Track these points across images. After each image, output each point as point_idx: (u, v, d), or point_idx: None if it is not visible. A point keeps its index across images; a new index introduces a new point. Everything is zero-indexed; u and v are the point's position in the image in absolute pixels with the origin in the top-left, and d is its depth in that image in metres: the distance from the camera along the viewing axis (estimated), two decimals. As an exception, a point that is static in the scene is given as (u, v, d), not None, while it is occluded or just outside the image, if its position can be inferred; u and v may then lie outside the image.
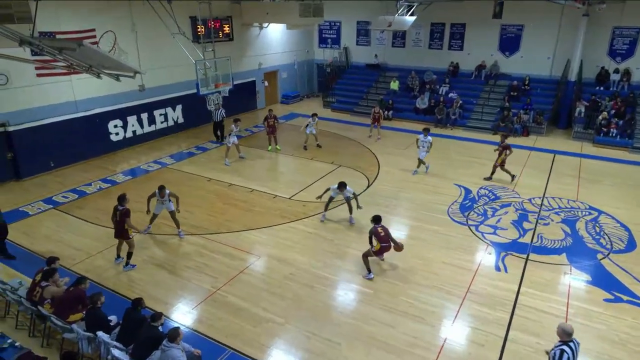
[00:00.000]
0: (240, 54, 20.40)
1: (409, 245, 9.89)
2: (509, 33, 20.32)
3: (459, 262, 9.20)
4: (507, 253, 9.57)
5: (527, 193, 12.52)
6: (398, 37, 22.93)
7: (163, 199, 9.88)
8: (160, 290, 8.32)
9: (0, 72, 12.30)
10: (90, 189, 12.76)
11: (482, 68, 21.05)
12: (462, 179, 13.47)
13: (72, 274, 8.39)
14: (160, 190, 9.84)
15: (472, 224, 10.83)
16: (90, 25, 13.93)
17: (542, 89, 19.65)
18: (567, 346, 5.23)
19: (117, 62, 7.86)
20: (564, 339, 5.31)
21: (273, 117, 15.66)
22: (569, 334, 5.31)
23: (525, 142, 17.41)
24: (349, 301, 8.09)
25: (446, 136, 18.16)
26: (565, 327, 5.35)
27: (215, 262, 9.23)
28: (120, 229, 8.79)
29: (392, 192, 12.57)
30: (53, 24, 12.89)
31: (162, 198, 9.86)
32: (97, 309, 6.49)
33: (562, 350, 5.19)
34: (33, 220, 10.96)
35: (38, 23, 8.19)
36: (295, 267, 9.06)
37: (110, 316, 6.79)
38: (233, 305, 7.92)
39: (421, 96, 20.59)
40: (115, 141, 15.70)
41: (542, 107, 18.78)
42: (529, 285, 8.48)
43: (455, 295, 8.18)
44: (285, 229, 10.59)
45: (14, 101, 12.82)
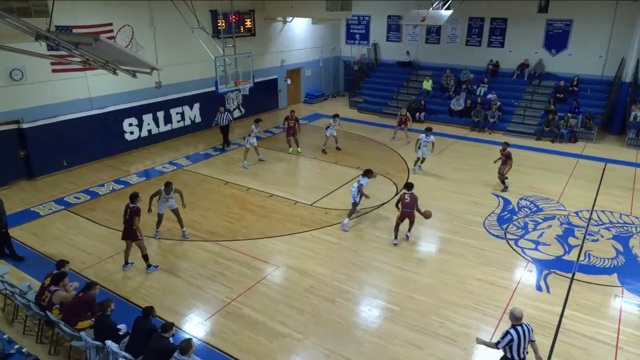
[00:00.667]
0: (262, 50, 20.67)
1: (440, 260, 9.77)
2: (556, 29, 19.91)
3: (495, 280, 9.03)
4: (550, 271, 9.33)
5: (574, 205, 12.19)
6: (432, 32, 22.78)
7: (169, 197, 10.07)
8: (172, 299, 8.46)
9: (16, 67, 12.82)
10: (102, 190, 13.11)
11: (525, 67, 20.68)
12: (501, 188, 13.21)
13: (81, 279, 8.62)
14: (167, 187, 10.03)
15: (511, 238, 10.62)
16: (107, 19, 14.38)
17: (592, 90, 19.15)
18: (514, 329, 5.83)
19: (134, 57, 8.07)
20: (513, 323, 5.92)
21: (294, 118, 15.78)
22: (517, 318, 5.89)
23: (572, 149, 16.99)
24: (373, 318, 8.03)
25: (483, 141, 17.88)
26: (514, 311, 5.95)
27: (230, 271, 9.32)
28: (129, 229, 8.98)
29: (423, 201, 12.34)
30: (70, 18, 13.37)
31: (167, 195, 10.05)
32: (107, 317, 6.63)
33: (507, 332, 5.84)
34: (44, 221, 11.33)
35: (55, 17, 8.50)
36: (315, 279, 9.05)
37: (119, 325, 6.93)
38: (248, 318, 7.96)
39: (457, 97, 20.37)
40: (129, 140, 16.11)
41: (592, 110, 18.30)
42: (575, 308, 8.24)
43: (491, 316, 8.01)
44: (305, 238, 10.61)
45: (28, 97, 13.33)
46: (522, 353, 5.86)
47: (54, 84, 13.77)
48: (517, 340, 5.79)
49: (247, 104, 20.49)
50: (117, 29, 14.64)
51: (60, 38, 6.42)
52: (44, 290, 7.30)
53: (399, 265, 9.53)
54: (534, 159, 15.91)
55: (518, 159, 15.73)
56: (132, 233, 8.96)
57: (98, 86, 14.85)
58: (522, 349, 5.84)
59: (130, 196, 8.99)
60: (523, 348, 5.85)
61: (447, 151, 16.56)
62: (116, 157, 15.66)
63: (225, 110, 16.35)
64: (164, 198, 10.10)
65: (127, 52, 8.21)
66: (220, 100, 18.85)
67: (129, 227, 8.94)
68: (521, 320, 5.91)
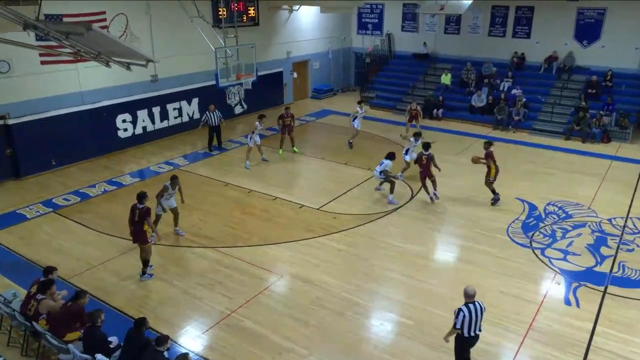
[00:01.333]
0: (266, 41, 20.74)
1: (459, 270, 9.72)
2: (588, 18, 19.76)
3: (519, 293, 8.96)
4: (579, 284, 9.25)
5: (607, 212, 12.07)
6: (452, 22, 22.72)
7: (174, 192, 10.30)
8: (168, 310, 8.49)
9: (2, 59, 12.97)
10: (93, 191, 13.21)
11: (553, 60, 20.55)
12: (526, 192, 13.13)
13: (70, 287, 8.67)
14: (174, 181, 10.24)
15: (537, 247, 10.54)
16: (100, 7, 14.49)
17: (627, 85, 18.98)
18: (466, 307, 6.47)
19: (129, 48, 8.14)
20: (466, 301, 6.53)
21: (290, 115, 15.82)
22: (470, 296, 6.52)
23: (605, 149, 16.84)
24: (385, 333, 8.00)
25: (508, 140, 17.79)
26: (467, 289, 6.57)
27: (230, 281, 9.34)
28: (140, 232, 9.05)
29: (441, 206, 12.39)
30: (60, 6, 13.48)
31: (173, 190, 10.28)
32: (97, 328, 6.67)
33: (460, 310, 6.46)
34: (31, 224, 11.43)
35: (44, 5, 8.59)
36: (322, 289, 9.04)
37: (110, 337, 6.96)
38: (249, 331, 7.97)
39: (478, 92, 20.29)
40: (123, 138, 16.23)
41: (628, 108, 18.15)
42: (607, 324, 8.15)
43: (515, 332, 7.96)
44: (312, 245, 10.61)
45: (15, 91, 13.48)
46: (473, 331, 6.51)
47: (43, 76, 13.91)
48: (469, 317, 6.41)
49: (250, 99, 20.55)
50: (110, 17, 14.77)
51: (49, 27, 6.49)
52: (30, 298, 7.36)
53: (413, 275, 9.49)
54: (562, 160, 15.79)
55: (545, 161, 15.66)
56: (142, 236, 9.08)
57: (90, 79, 14.98)
58: (473, 326, 6.48)
59: (138, 196, 9.08)
60: (475, 325, 6.49)
61: (467, 152, 16.47)
62: (108, 156, 15.78)
63: (215, 108, 16.16)
64: (168, 195, 10.22)
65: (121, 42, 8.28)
66: (221, 94, 18.95)
67: (140, 229, 9.05)
68: (474, 299, 6.53)
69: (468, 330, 6.45)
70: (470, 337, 6.51)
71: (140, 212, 8.94)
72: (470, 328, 6.44)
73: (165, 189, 10.25)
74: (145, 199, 9.07)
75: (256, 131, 14.74)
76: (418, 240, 10.69)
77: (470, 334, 6.49)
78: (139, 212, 8.95)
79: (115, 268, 9.67)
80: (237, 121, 19.92)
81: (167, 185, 10.26)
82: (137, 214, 8.98)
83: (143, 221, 8.95)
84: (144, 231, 9.02)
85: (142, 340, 6.54)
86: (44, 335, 6.78)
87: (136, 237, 9.13)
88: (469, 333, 6.48)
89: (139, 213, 8.95)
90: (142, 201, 9.03)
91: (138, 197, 9.08)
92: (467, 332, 6.47)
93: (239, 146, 16.89)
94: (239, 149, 16.60)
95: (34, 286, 7.51)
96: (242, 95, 20.27)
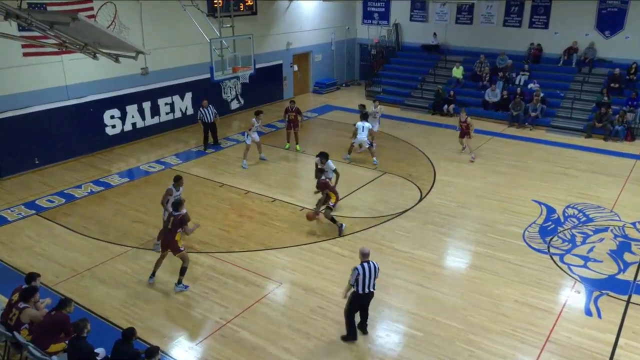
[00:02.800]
0: (264, 31, 20.78)
1: (471, 278, 9.72)
2: (610, 7, 19.74)
3: (536, 302, 8.95)
4: (601, 293, 9.24)
5: (631, 215, 12.06)
6: (464, 11, 22.73)
7: (179, 193, 10.25)
8: (159, 320, 8.50)
9: (-18, 50, 13.01)
10: (79, 192, 13.25)
11: (573, 52, 20.53)
12: (544, 194, 13.13)
13: (54, 295, 8.69)
14: (177, 182, 10.22)
15: (556, 252, 10.53)
16: (87, -6, 14.53)
17: (653, 79, 18.94)
18: (361, 265, 7.52)
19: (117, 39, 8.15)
20: (361, 260, 7.58)
21: (295, 109, 15.88)
22: (364, 255, 7.59)
23: (629, 148, 16.82)
24: (392, 345, 8.00)
25: (524, 138, 17.77)
26: (363, 249, 7.70)
27: (226, 288, 9.35)
28: (171, 240, 9.09)
29: (451, 208, 12.39)
30: (44, -6, 13.54)
31: (177, 192, 10.24)
32: (82, 339, 6.68)
33: (355, 268, 7.52)
34: (12, 228, 11.46)
35: (27, -8, 8.64)
36: (325, 298, 9.05)
37: (97, 349, 6.98)
38: (246, 343, 7.98)
39: (492, 86, 20.29)
40: (111, 135, 16.28)
41: (653, 103, 18.11)
42: (631, 336, 8.14)
43: (531, 344, 7.95)
44: (313, 250, 10.62)
45: (-4, 85, 13.52)
46: (367, 288, 7.55)
47: (25, 69, 13.95)
48: (363, 274, 7.45)
49: (247, 93, 20.59)
50: (97, 6, 14.77)
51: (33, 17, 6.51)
52: (12, 307, 7.37)
53: (422, 283, 9.50)
54: (583, 160, 15.77)
55: (564, 160, 15.65)
56: (174, 244, 9.11)
57: (75, 72, 15.02)
58: (367, 283, 7.53)
59: (174, 204, 9.17)
60: (369, 283, 7.54)
61: (480, 150, 16.48)
62: (95, 154, 15.82)
63: (208, 104, 16.11)
64: (173, 198, 10.18)
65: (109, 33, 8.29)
66: (216, 89, 18.98)
67: (171, 237, 9.09)
68: (368, 258, 7.56)
69: (362, 287, 7.53)
70: (364, 293, 7.59)
71: (175, 220, 8.96)
72: (365, 285, 7.53)
73: (170, 192, 10.20)
74: (181, 206, 9.11)
75: (253, 128, 14.77)
76: (427, 246, 10.69)
77: (365, 291, 7.57)
78: (173, 219, 9.00)
79: (103, 275, 9.69)
80: (233, 117, 19.97)
81: (171, 188, 10.24)
82: (170, 222, 9.06)
83: (176, 230, 8.99)
84: (176, 240, 9.08)
85: (130, 353, 6.56)
86: (26, 346, 6.80)
87: (166, 244, 9.20)
88: (363, 290, 7.55)
89: (172, 221, 9.00)
90: (178, 208, 9.06)
91: (173, 205, 9.17)
92: (361, 289, 7.55)
93: (235, 144, 16.91)
94: (235, 147, 16.63)
95: (16, 294, 7.52)
96: (238, 89, 20.30)
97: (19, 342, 6.92)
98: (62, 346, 6.98)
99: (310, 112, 20.97)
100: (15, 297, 7.48)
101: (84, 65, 14.57)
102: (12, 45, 12.85)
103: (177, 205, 9.11)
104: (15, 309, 7.30)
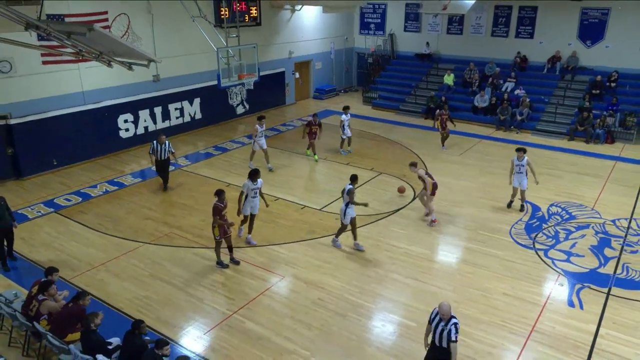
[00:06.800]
0: (268, 41, 20.76)
1: (463, 272, 9.70)
2: (592, 18, 19.73)
3: (523, 295, 8.95)
4: (583, 285, 9.23)
5: (611, 213, 12.04)
6: (454, 22, 22.72)
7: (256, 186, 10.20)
8: (169, 311, 8.49)
9: (4, 58, 13.00)
10: (95, 192, 13.23)
11: (556, 60, 20.52)
12: (529, 193, 13.06)
13: (71, 287, 8.68)
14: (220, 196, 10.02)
15: (540, 248, 10.52)
16: (102, 7, 14.50)
17: (632, 86, 18.92)
18: None
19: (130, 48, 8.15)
20: None
21: (318, 123, 15.48)
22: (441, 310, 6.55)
23: (608, 150, 16.80)
24: (388, 335, 7.99)
25: (510, 141, 17.74)
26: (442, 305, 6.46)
27: (232, 281, 9.34)
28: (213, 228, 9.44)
29: (443, 207, 12.36)
30: (62, 6, 13.50)
31: (255, 184, 10.16)
32: (93, 332, 6.65)
33: None
34: (32, 225, 11.44)
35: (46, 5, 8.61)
36: (325, 291, 9.04)
37: (112, 339, 7.00)
38: (251, 333, 7.97)
39: (481, 93, 20.27)
40: (124, 138, 16.26)
41: (632, 108, 18.09)
42: (611, 326, 8.13)
43: (518, 334, 7.94)
44: (314, 246, 10.61)
45: (17, 91, 13.50)
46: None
47: (45, 76, 13.94)
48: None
49: (252, 99, 20.57)
50: (112, 17, 14.77)
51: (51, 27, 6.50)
52: (32, 299, 7.38)
53: (417, 277, 9.48)
54: (566, 161, 15.76)
55: (548, 162, 15.62)
56: (213, 232, 9.42)
57: (91, 79, 15.01)
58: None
59: (216, 192, 9.38)
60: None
61: (470, 152, 16.47)
62: (110, 156, 15.80)
63: (166, 139, 13.16)
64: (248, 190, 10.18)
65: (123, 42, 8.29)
66: (223, 95, 18.98)
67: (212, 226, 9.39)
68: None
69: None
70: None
71: (212, 208, 9.21)
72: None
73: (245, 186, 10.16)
74: (219, 195, 9.24)
75: (258, 134, 14.48)
76: (422, 242, 10.67)
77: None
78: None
79: (117, 269, 9.68)
80: (239, 121, 19.96)
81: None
82: None
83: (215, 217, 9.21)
84: (213, 227, 9.31)
85: (139, 344, 6.55)
86: (45, 335, 6.80)
87: None
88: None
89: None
90: (218, 197, 9.23)
91: (216, 192, 9.37)
92: None
93: (241, 146, 16.89)
94: (241, 149, 16.60)
95: (35, 286, 7.53)
96: (244, 95, 20.28)
97: (39, 331, 6.92)
98: (79, 336, 6.97)
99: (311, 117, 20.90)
100: (34, 290, 7.48)
101: (99, 72, 14.58)
102: (32, 54, 12.87)
103: (216, 194, 9.30)
104: (35, 300, 7.32)
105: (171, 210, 12.23)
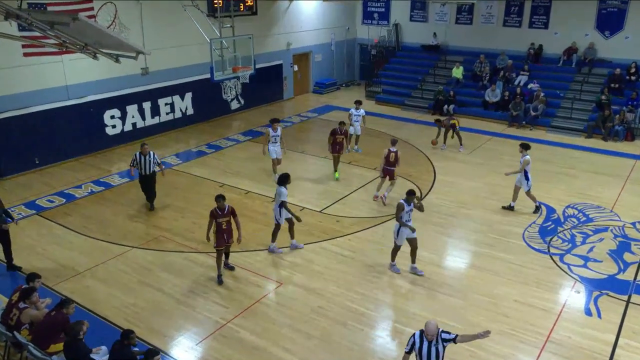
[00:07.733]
0: (264, 31, 20.77)
1: (472, 277, 9.70)
2: (610, 7, 19.74)
3: (536, 302, 8.95)
4: (601, 292, 9.23)
5: (631, 215, 12.05)
6: (463, 11, 22.72)
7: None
8: (159, 320, 8.50)
9: (-18, 50, 13.02)
10: (80, 192, 13.24)
11: (573, 52, 20.52)
12: (544, 194, 13.10)
13: (55, 295, 8.69)
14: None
15: (556, 252, 10.53)
16: (87, -5, 14.53)
17: (653, 79, 18.94)
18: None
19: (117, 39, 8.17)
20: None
21: (344, 132, 14.28)
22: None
23: (628, 148, 16.81)
24: (392, 345, 8.00)
25: (524, 138, 17.62)
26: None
27: (226, 288, 9.35)
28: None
29: (451, 208, 12.38)
30: (44, -6, 13.54)
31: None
32: (78, 341, 6.65)
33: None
34: (13, 228, 11.40)
35: (27, -8, 8.67)
36: (325, 298, 9.05)
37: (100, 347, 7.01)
38: (246, 343, 7.98)
39: (492, 87, 20.28)
40: (111, 135, 16.27)
41: (653, 103, 18.10)
42: (631, 336, 8.14)
43: (531, 344, 7.95)
44: (313, 250, 10.62)
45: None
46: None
47: (26, 69, 13.94)
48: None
49: (247, 94, 20.58)
50: (98, 6, 14.79)
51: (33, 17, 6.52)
52: (12, 307, 7.38)
53: (422, 283, 9.49)
54: (583, 160, 15.77)
55: (563, 160, 15.64)
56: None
57: (76, 73, 15.01)
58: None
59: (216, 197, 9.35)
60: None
61: (480, 150, 16.48)
62: (96, 154, 15.81)
63: (149, 150, 11.95)
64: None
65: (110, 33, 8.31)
66: (216, 89, 18.98)
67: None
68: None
69: None
70: None
71: None
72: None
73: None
74: (217, 200, 9.19)
75: (270, 139, 13.58)
76: (428, 246, 10.67)
77: None
78: None
79: (103, 275, 9.69)
80: (233, 117, 19.97)
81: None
82: None
83: None
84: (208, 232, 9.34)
85: (128, 355, 6.55)
86: (27, 346, 6.80)
87: None
88: None
89: None
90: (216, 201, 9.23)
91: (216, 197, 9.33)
92: None
93: (235, 144, 16.91)
94: (235, 147, 16.63)
95: (16, 294, 7.53)
96: (238, 89, 20.29)
97: (20, 342, 6.92)
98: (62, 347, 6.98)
99: (310, 112, 20.99)
100: (15, 297, 7.48)
101: (84, 65, 14.57)
102: (13, 46, 12.83)
103: (215, 199, 9.26)
104: (15, 309, 7.31)
105: (161, 212, 12.25)
